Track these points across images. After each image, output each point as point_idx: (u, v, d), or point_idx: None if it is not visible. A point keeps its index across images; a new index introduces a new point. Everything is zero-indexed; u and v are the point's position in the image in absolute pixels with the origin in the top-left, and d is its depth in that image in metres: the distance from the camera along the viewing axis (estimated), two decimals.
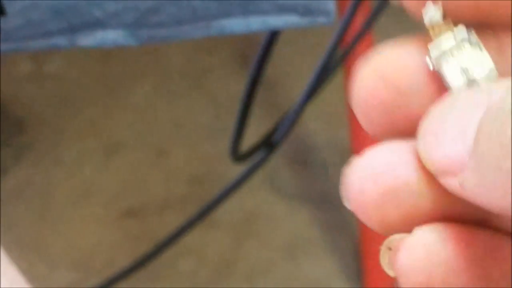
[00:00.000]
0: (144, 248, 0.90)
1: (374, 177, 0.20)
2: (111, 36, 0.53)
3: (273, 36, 0.68)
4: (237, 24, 0.54)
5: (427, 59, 0.21)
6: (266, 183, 1.12)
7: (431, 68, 0.21)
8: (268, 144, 0.84)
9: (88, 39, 0.52)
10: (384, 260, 0.21)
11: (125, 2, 0.51)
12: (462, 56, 0.20)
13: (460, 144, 0.18)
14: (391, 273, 0.21)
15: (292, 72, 1.19)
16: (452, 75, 0.20)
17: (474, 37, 0.20)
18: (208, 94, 1.20)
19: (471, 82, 0.20)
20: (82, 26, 0.51)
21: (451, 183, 0.19)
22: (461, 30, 0.20)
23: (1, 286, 0.41)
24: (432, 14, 0.20)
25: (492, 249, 0.20)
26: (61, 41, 0.52)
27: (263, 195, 1.11)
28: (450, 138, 0.19)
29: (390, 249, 0.20)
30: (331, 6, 0.55)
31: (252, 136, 0.81)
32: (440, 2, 0.20)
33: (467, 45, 0.20)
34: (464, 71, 0.20)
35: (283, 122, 0.84)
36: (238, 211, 1.09)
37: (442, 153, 0.19)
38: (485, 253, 0.20)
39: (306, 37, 1.16)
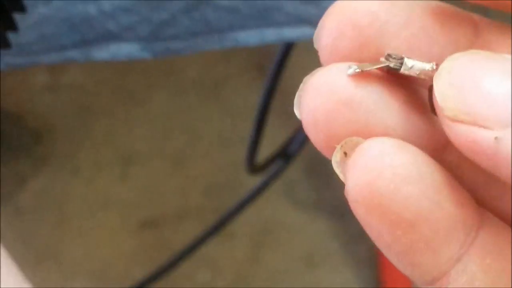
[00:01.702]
0: (161, 259, 0.90)
1: (329, 91, 0.20)
2: (125, 49, 0.52)
3: (288, 46, 0.68)
4: (251, 36, 0.53)
5: (391, 65, 0.21)
6: (283, 193, 1.11)
7: (398, 71, 0.21)
8: (285, 155, 0.84)
9: (102, 53, 0.52)
10: (335, 158, 0.20)
11: (139, 15, 0.51)
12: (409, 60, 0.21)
13: (508, 102, 0.18)
14: (340, 175, 0.21)
15: None
16: (421, 64, 0.21)
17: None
18: (224, 104, 1.20)
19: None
20: (96, 40, 0.51)
21: (481, 133, 0.18)
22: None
23: (1, 286, 0.41)
24: (351, 70, 0.21)
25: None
26: (75, 54, 0.52)
27: (280, 205, 1.11)
28: (498, 89, 0.18)
29: (345, 153, 0.20)
30: None
31: (268, 146, 0.81)
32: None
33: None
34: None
35: (299, 133, 0.83)
36: (255, 221, 1.08)
37: (485, 101, 0.18)
38: (445, 183, 0.20)
39: None
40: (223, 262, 1.07)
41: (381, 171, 0.19)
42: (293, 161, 0.84)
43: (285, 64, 0.70)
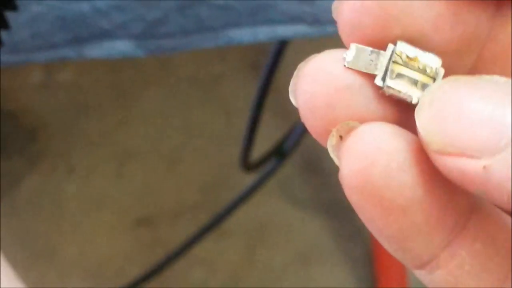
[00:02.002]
0: (156, 257, 0.90)
1: (328, 77, 0.20)
2: (119, 47, 0.52)
3: (282, 44, 0.68)
4: (245, 34, 0.53)
5: (375, 81, 0.20)
6: (278, 191, 1.11)
7: (381, 89, 0.20)
8: (279, 152, 0.84)
9: (95, 50, 0.52)
10: (331, 142, 0.20)
11: (132, 13, 0.51)
12: (403, 69, 0.20)
13: (496, 126, 0.18)
14: (335, 159, 0.20)
15: None
16: (406, 89, 0.20)
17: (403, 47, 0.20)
18: (219, 103, 1.20)
19: (425, 86, 0.20)
20: (89, 37, 0.51)
21: (469, 164, 0.18)
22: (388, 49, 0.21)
23: (2, 287, 0.41)
24: (349, 59, 0.20)
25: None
26: (68, 52, 0.52)
27: (275, 203, 1.11)
28: (480, 117, 0.18)
29: (341, 137, 0.20)
30: None
31: (263, 144, 0.80)
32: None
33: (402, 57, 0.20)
34: (413, 82, 0.20)
35: (294, 131, 0.83)
36: (250, 219, 1.08)
37: (469, 131, 0.18)
38: (437, 171, 0.20)
39: (317, 45, 1.15)
40: (218, 260, 1.07)
41: (376, 157, 0.19)
42: (288, 159, 0.84)
43: (279, 62, 0.70)
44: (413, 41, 0.20)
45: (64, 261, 1.07)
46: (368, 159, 0.19)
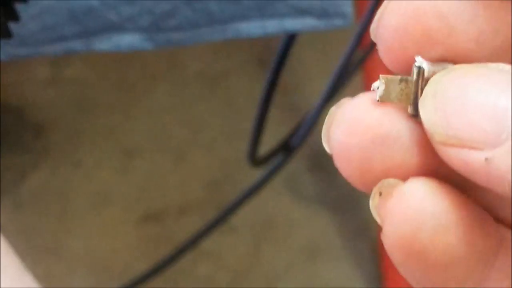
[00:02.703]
0: (162, 252, 0.90)
1: (363, 126, 0.20)
2: (127, 40, 0.52)
3: (290, 39, 0.68)
4: (253, 27, 0.53)
5: (409, 111, 0.20)
6: (285, 187, 1.11)
7: (416, 117, 0.20)
8: (286, 148, 0.83)
9: (103, 43, 0.52)
10: (373, 203, 0.20)
11: (141, 6, 0.51)
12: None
13: (497, 119, 0.18)
14: (377, 219, 0.20)
15: (310, 75, 1.19)
16: None
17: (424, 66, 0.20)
18: (226, 98, 1.20)
19: None
20: (97, 30, 0.51)
21: (471, 155, 0.18)
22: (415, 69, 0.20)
23: (2, 286, 0.41)
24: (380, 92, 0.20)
25: (483, 219, 0.20)
26: (77, 45, 0.52)
27: (282, 199, 1.11)
28: (482, 109, 0.18)
29: (380, 194, 0.20)
30: (348, 8, 0.54)
31: (270, 140, 0.80)
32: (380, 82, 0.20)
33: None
34: None
35: (301, 126, 0.83)
36: (257, 215, 1.08)
37: (471, 123, 0.18)
38: (476, 220, 0.20)
39: (325, 40, 1.15)
40: (225, 256, 1.07)
41: (422, 220, 0.19)
42: (295, 155, 0.84)
43: (287, 57, 0.69)
44: (454, 60, 0.20)
45: (70, 257, 1.07)
46: (414, 223, 0.19)
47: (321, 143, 0.21)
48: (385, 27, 0.20)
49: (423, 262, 0.20)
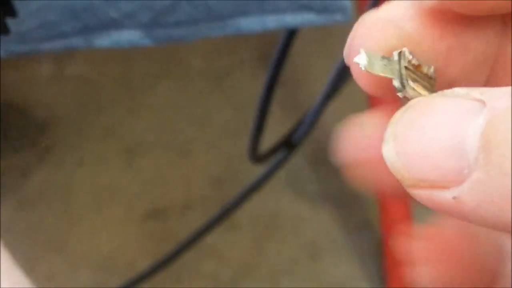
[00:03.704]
0: (166, 249, 0.90)
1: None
2: (127, 36, 0.52)
3: (291, 35, 0.68)
4: (253, 23, 0.53)
5: (394, 83, 0.20)
6: (287, 183, 1.11)
7: (400, 92, 0.20)
8: (288, 144, 0.83)
9: (103, 40, 0.52)
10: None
11: (140, 2, 0.51)
12: (413, 75, 0.20)
13: (457, 155, 0.17)
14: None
15: (311, 71, 1.19)
16: (425, 93, 0.20)
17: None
18: (229, 95, 1.20)
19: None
20: (97, 27, 0.51)
21: (440, 195, 0.18)
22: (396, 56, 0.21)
23: (2, 287, 0.41)
24: (363, 62, 0.20)
25: None
26: (77, 41, 0.52)
27: (284, 195, 1.11)
28: (441, 148, 0.18)
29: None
30: (348, 3, 0.54)
31: (272, 136, 0.80)
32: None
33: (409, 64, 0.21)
34: (424, 86, 0.20)
35: (303, 122, 0.83)
36: (260, 211, 1.09)
37: (432, 164, 0.18)
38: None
39: (326, 36, 1.15)
40: (228, 252, 1.07)
41: None
42: (297, 151, 0.84)
43: (288, 53, 0.69)
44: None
45: (75, 253, 1.07)
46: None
47: (323, 139, 0.21)
48: (356, 52, 0.20)
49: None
